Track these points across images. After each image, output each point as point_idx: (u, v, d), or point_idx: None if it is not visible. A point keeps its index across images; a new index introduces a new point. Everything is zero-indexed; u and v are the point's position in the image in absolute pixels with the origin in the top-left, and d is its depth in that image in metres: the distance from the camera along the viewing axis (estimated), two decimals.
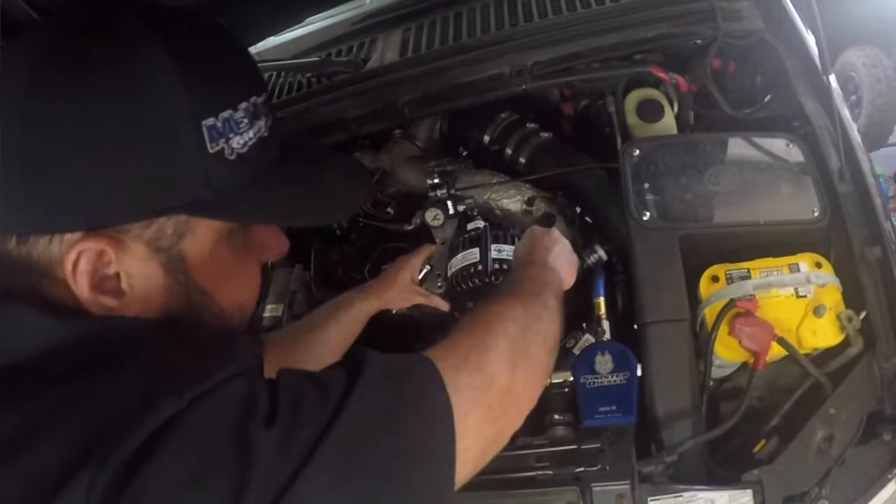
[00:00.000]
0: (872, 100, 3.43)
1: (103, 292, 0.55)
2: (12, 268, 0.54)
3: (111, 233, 0.54)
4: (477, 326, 0.68)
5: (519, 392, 0.66)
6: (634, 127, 1.28)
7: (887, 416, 0.95)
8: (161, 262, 0.56)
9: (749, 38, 1.27)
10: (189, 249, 0.57)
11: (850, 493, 0.91)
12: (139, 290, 0.56)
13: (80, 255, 0.53)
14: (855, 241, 1.04)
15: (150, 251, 0.56)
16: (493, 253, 1.13)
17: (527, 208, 1.24)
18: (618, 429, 0.94)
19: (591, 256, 1.16)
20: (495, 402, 0.62)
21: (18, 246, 0.54)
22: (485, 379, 0.62)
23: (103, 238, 0.53)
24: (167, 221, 0.56)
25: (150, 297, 0.57)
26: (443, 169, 1.29)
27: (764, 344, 0.95)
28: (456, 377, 0.59)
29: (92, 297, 0.54)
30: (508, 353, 0.66)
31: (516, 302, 0.75)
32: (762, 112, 1.26)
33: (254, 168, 0.59)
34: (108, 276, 0.55)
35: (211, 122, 0.55)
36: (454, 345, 0.65)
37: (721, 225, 1.08)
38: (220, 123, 0.56)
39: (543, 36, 1.36)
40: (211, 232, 0.58)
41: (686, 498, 0.91)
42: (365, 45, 1.59)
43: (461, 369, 0.61)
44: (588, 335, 1.10)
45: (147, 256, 0.56)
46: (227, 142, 0.56)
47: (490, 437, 0.62)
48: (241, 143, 0.58)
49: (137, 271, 0.55)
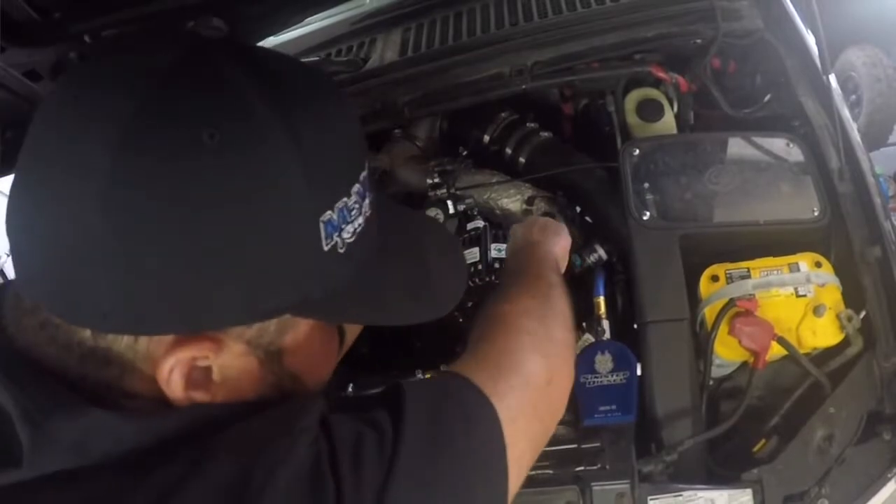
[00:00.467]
0: (872, 100, 3.43)
1: (195, 387, 0.49)
2: (86, 356, 0.47)
3: (212, 334, 0.48)
4: (496, 331, 0.67)
5: (557, 380, 0.67)
6: (634, 127, 1.28)
7: (887, 415, 0.95)
8: (259, 357, 0.51)
9: (749, 38, 1.27)
10: (288, 344, 0.53)
11: (850, 492, 0.91)
12: (231, 382, 0.51)
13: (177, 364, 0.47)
14: (855, 241, 1.04)
15: (249, 348, 0.50)
16: (493, 252, 1.13)
17: (527, 208, 1.24)
18: (618, 428, 0.95)
19: (591, 256, 1.16)
20: (538, 398, 0.63)
21: (95, 338, 0.46)
22: (522, 379, 0.62)
23: (204, 341, 0.47)
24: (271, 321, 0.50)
25: (241, 387, 0.52)
26: (443, 168, 1.29)
27: (764, 343, 0.95)
28: (495, 386, 0.58)
29: (184, 396, 0.48)
30: (537, 347, 0.66)
31: (523, 293, 0.74)
32: (762, 112, 1.26)
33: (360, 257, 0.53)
34: (200, 368, 0.49)
35: (328, 217, 0.48)
36: (481, 356, 0.64)
37: (721, 224, 1.08)
38: (335, 216, 0.48)
39: (543, 36, 1.36)
40: (312, 327, 0.54)
41: (686, 497, 0.91)
42: (365, 45, 1.59)
43: (497, 378, 0.59)
44: (588, 334, 1.10)
45: (245, 353, 0.50)
46: (340, 234, 0.49)
47: (538, 432, 0.63)
48: (351, 232, 0.50)
49: (233, 365, 0.50)
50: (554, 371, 0.66)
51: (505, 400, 0.57)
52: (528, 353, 0.65)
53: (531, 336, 0.67)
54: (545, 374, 0.65)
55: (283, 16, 1.37)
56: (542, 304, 0.73)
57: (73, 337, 0.46)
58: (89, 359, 0.47)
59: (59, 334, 0.47)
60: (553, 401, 0.66)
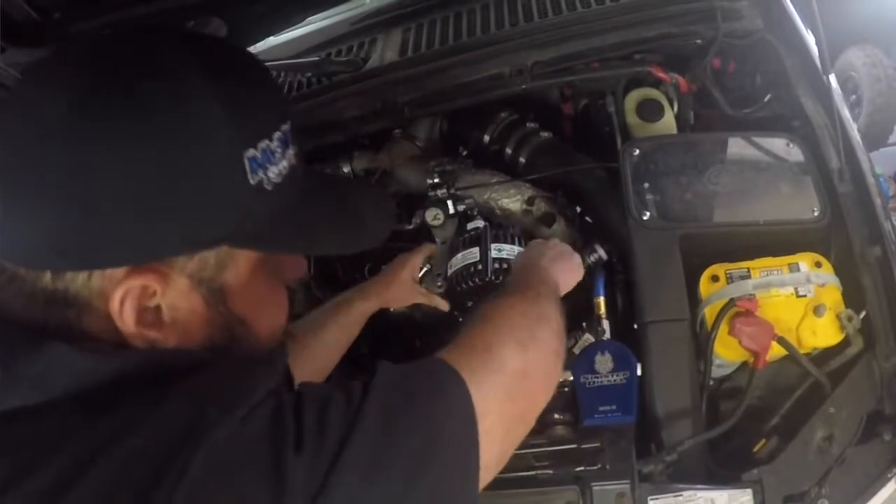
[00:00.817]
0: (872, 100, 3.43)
1: (146, 325, 0.54)
2: (46, 302, 0.52)
3: (156, 266, 0.53)
4: (476, 324, 0.70)
5: (534, 373, 0.68)
6: (634, 127, 1.28)
7: (887, 415, 0.95)
8: (202, 294, 0.56)
9: (749, 38, 1.27)
10: (229, 280, 0.57)
11: (850, 492, 0.91)
12: (181, 322, 0.56)
13: (127, 293, 0.52)
14: (855, 241, 1.04)
15: (192, 284, 0.55)
16: (493, 252, 1.13)
17: (527, 208, 1.24)
18: (618, 428, 0.95)
19: (591, 256, 1.16)
20: (512, 383, 0.64)
21: (54, 281, 0.52)
22: (496, 361, 0.64)
23: (149, 273, 0.52)
24: (210, 253, 0.55)
25: (191, 329, 0.56)
26: (443, 169, 1.29)
27: (764, 343, 0.95)
28: (468, 363, 0.61)
29: (136, 331, 0.53)
30: (514, 337, 0.68)
31: (510, 295, 0.77)
32: (762, 112, 1.26)
33: (287, 197, 0.59)
34: (150, 308, 0.54)
35: (251, 154, 0.54)
36: (458, 341, 0.67)
37: (721, 224, 1.08)
38: (259, 154, 0.55)
39: (543, 36, 1.36)
40: (249, 262, 0.58)
41: (686, 497, 0.91)
42: (365, 45, 1.59)
43: (471, 356, 0.63)
44: (588, 335, 1.10)
45: (190, 289, 0.55)
46: (265, 172, 0.56)
47: (513, 416, 0.64)
48: (277, 173, 0.57)
49: (180, 304, 0.55)
50: (532, 365, 0.67)
51: (476, 375, 0.60)
52: (505, 343, 0.66)
53: (510, 327, 0.69)
54: (520, 365, 0.65)
55: (283, 16, 1.37)
56: (530, 305, 0.75)
57: (36, 285, 0.52)
58: (51, 303, 0.52)
59: (24, 286, 0.52)
60: (528, 391, 0.67)
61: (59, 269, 0.51)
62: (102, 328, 0.53)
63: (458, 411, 0.58)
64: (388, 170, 1.41)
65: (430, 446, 0.54)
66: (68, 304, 0.52)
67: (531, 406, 0.68)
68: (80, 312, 0.53)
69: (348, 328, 1.13)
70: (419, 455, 0.53)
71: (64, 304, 0.52)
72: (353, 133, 1.43)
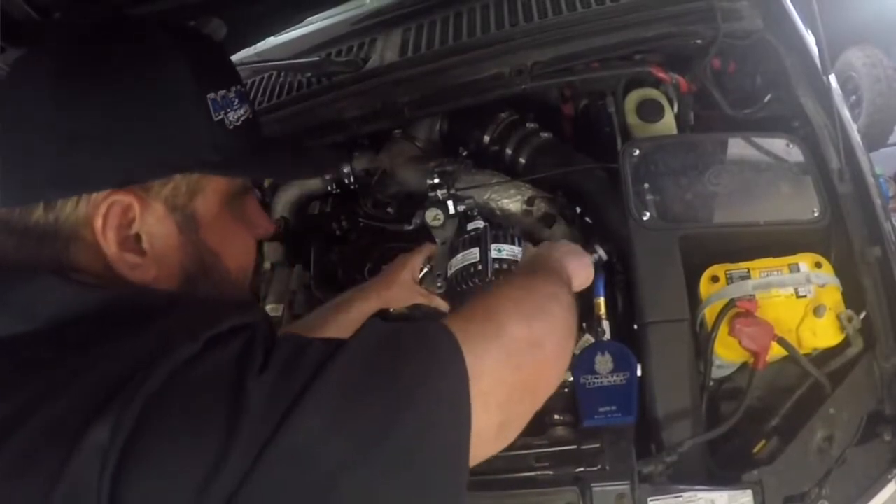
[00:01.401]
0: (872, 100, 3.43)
1: (128, 250, 0.60)
2: (38, 237, 0.59)
3: (135, 190, 0.60)
4: (477, 300, 0.69)
5: (543, 343, 0.65)
6: (634, 127, 1.28)
7: (887, 416, 0.95)
8: (176, 220, 0.63)
9: (749, 38, 1.27)
10: (199, 209, 0.65)
11: (850, 493, 0.91)
12: (158, 249, 0.62)
13: (111, 208, 0.59)
14: (855, 241, 1.04)
15: (167, 209, 0.62)
16: (493, 253, 1.13)
17: (527, 208, 1.24)
18: (618, 429, 0.95)
19: (591, 256, 1.16)
20: (514, 349, 0.62)
21: (46, 213, 0.59)
22: (496, 326, 0.62)
23: (130, 193, 0.60)
24: (182, 180, 0.63)
25: (168, 256, 0.63)
26: (443, 169, 1.29)
27: (764, 344, 0.95)
28: (465, 327, 0.60)
29: (118, 254, 0.59)
30: (518, 308, 0.67)
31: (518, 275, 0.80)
32: (762, 112, 1.26)
33: (247, 140, 0.68)
34: (131, 236, 0.61)
35: (213, 96, 0.65)
36: (458, 311, 0.66)
37: (721, 225, 1.08)
38: (219, 99, 0.65)
39: (543, 36, 1.36)
40: (217, 195, 0.66)
41: (686, 498, 0.91)
42: (365, 45, 1.59)
43: (469, 322, 0.62)
44: (588, 335, 1.10)
45: (165, 215, 0.62)
46: (226, 114, 0.66)
47: (515, 384, 0.61)
48: (236, 118, 0.67)
49: (156, 231, 0.62)
50: (538, 335, 0.65)
51: (471, 338, 0.59)
52: (507, 312, 0.65)
53: (513, 301, 0.68)
54: (524, 333, 0.64)
55: (283, 16, 1.37)
56: (539, 284, 0.75)
57: (28, 222, 0.59)
58: (42, 238, 0.59)
59: (16, 226, 0.59)
60: (535, 361, 0.64)
61: (50, 200, 0.58)
62: (89, 260, 0.59)
63: (445, 368, 0.56)
64: (388, 170, 1.41)
65: (408, 399, 0.52)
66: (58, 235, 0.59)
67: (539, 378, 0.65)
68: (69, 242, 0.59)
69: (348, 328, 1.12)
70: (393, 407, 0.51)
71: (54, 235, 0.59)
72: (353, 133, 1.43)
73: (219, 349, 0.50)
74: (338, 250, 1.46)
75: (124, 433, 0.45)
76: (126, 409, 0.45)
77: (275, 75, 1.64)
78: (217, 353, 0.50)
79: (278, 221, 1.47)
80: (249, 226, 0.72)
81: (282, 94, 1.57)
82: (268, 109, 1.54)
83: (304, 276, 1.42)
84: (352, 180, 1.45)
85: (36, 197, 0.59)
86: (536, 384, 0.65)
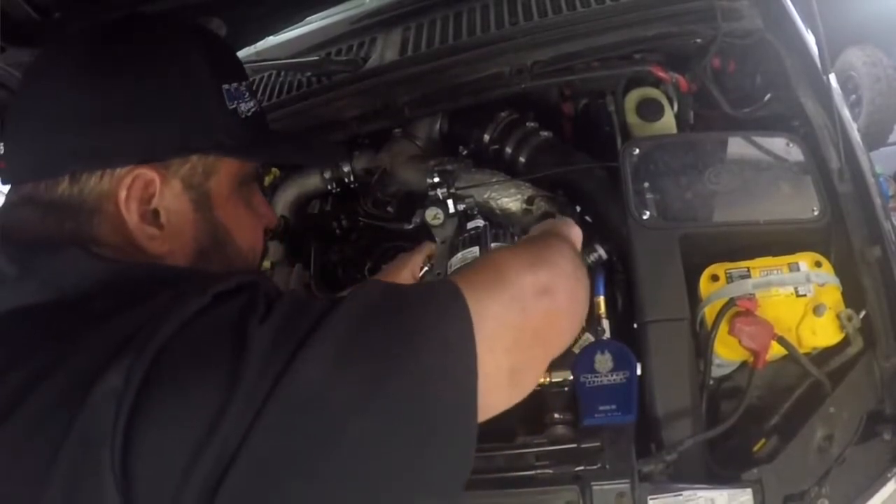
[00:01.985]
0: (872, 100, 3.43)
1: (147, 222, 0.65)
2: (62, 209, 0.63)
3: (156, 167, 0.65)
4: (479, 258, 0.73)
5: (549, 290, 0.64)
6: (634, 126, 1.28)
7: (887, 415, 0.95)
8: (191, 198, 0.68)
9: (749, 38, 1.27)
10: (213, 189, 0.70)
11: (850, 492, 0.91)
12: (174, 224, 0.67)
13: (134, 181, 0.64)
14: (855, 241, 1.04)
15: (183, 187, 0.68)
16: None
17: (527, 207, 1.24)
18: (617, 428, 0.94)
19: (591, 256, 1.16)
20: (518, 294, 0.62)
21: (71, 186, 0.63)
22: (498, 274, 0.62)
23: (151, 169, 0.65)
24: (198, 161, 0.68)
25: (183, 231, 0.68)
26: (443, 168, 1.29)
27: (764, 343, 0.95)
28: (466, 277, 0.61)
29: (139, 226, 0.64)
30: (519, 259, 0.66)
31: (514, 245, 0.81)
32: (762, 112, 1.26)
33: (257, 129, 0.74)
34: (149, 210, 0.66)
35: (227, 87, 0.71)
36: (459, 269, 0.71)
37: (721, 224, 1.08)
38: (232, 89, 0.71)
39: (543, 35, 1.36)
40: (229, 178, 0.71)
41: (686, 497, 0.91)
42: (364, 45, 1.59)
43: (470, 272, 0.63)
44: (588, 334, 1.10)
45: (181, 192, 0.67)
46: (238, 104, 0.72)
47: (522, 328, 0.61)
48: (247, 109, 0.73)
49: (174, 206, 0.67)
50: (545, 282, 0.64)
51: (474, 286, 0.59)
52: (510, 263, 0.65)
53: (515, 253, 0.69)
54: (530, 279, 0.63)
55: (283, 15, 1.37)
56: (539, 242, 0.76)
57: (53, 193, 0.64)
58: (67, 209, 0.63)
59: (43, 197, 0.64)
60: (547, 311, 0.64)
61: (76, 173, 0.63)
62: (109, 232, 0.64)
63: (447, 311, 0.57)
64: (388, 169, 1.41)
65: (412, 343, 0.54)
66: (83, 207, 0.63)
67: (549, 325, 0.64)
68: (93, 214, 0.63)
69: None
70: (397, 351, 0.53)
71: (79, 207, 0.63)
72: (353, 133, 1.43)
73: (227, 302, 0.53)
74: (338, 249, 1.46)
75: (137, 377, 0.47)
76: (140, 356, 0.47)
77: (275, 75, 1.64)
78: (224, 305, 0.52)
79: (278, 221, 1.47)
80: (256, 213, 0.78)
81: (282, 93, 1.57)
82: (268, 109, 1.54)
83: (304, 276, 1.42)
84: (352, 179, 1.45)
85: (63, 169, 0.63)
86: (547, 332, 0.65)
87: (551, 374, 0.99)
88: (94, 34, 0.68)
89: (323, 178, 1.47)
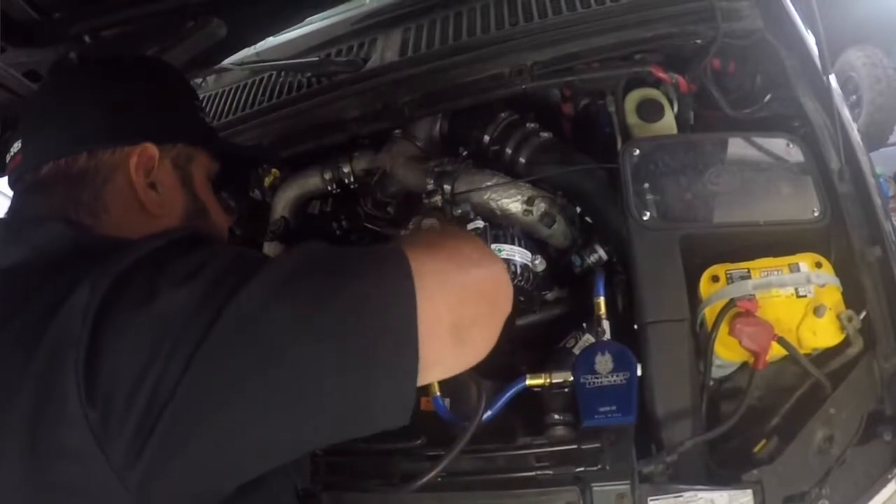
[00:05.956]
0: (872, 100, 3.44)
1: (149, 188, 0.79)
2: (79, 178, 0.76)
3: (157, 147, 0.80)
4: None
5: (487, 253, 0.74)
6: (634, 127, 1.28)
7: (887, 415, 0.95)
8: (178, 176, 0.84)
9: (749, 38, 1.27)
10: (193, 173, 0.86)
11: (851, 492, 0.91)
12: (167, 195, 0.81)
13: (142, 153, 0.78)
14: (855, 241, 1.04)
15: (172, 166, 0.83)
16: None
17: (527, 208, 1.24)
18: (618, 429, 0.95)
19: (591, 256, 1.16)
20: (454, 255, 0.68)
21: (89, 160, 0.77)
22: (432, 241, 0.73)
23: (153, 150, 0.80)
24: (184, 148, 0.85)
25: (174, 200, 0.82)
26: (443, 169, 1.29)
27: (764, 344, 0.95)
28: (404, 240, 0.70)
29: (143, 189, 0.78)
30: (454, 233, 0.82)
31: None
32: (762, 112, 1.26)
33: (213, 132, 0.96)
34: (148, 182, 0.79)
35: (196, 104, 0.93)
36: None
37: (721, 225, 1.08)
38: (198, 104, 0.93)
39: (543, 36, 1.36)
40: (202, 169, 0.88)
41: (686, 498, 0.91)
42: (365, 45, 1.59)
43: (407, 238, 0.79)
44: (588, 335, 1.10)
45: (171, 170, 0.83)
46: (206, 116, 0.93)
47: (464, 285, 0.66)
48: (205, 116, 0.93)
49: (166, 181, 0.82)
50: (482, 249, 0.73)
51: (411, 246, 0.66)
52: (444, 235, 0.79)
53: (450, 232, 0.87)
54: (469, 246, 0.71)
55: (284, 16, 1.37)
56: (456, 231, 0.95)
57: (72, 168, 0.77)
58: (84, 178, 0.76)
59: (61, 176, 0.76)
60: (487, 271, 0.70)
61: (93, 150, 0.77)
62: (117, 198, 0.77)
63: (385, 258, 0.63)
64: (388, 170, 1.41)
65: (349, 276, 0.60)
66: (97, 176, 0.77)
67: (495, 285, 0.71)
68: (105, 181, 0.77)
69: None
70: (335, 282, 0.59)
71: (94, 175, 0.77)
72: (353, 133, 1.43)
73: (181, 244, 0.64)
74: None
75: (101, 291, 0.56)
76: (101, 278, 0.57)
77: (275, 75, 1.64)
78: (180, 245, 0.63)
79: (278, 221, 1.47)
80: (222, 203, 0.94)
81: (282, 94, 1.57)
82: (268, 109, 1.54)
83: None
84: (352, 180, 1.45)
85: (84, 147, 0.77)
86: (492, 291, 0.70)
87: (552, 374, 0.99)
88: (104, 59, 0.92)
89: (323, 179, 1.47)
